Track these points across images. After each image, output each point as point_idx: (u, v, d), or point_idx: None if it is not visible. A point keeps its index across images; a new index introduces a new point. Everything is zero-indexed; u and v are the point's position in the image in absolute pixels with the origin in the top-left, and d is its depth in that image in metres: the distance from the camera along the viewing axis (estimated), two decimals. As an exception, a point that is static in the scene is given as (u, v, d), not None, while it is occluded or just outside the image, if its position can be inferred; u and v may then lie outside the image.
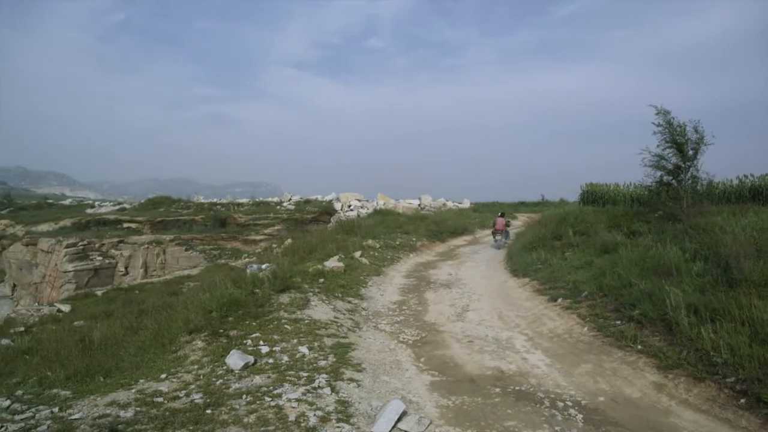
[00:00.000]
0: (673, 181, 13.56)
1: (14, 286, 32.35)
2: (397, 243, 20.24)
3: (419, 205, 39.33)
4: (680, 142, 12.98)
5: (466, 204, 43.02)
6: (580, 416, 5.75)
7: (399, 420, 5.36)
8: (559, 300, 10.50)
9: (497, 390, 6.56)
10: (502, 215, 24.17)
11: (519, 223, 31.52)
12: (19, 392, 6.57)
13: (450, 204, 41.82)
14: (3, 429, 5.31)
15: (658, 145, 13.40)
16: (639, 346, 7.49)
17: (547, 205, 37.75)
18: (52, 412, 5.77)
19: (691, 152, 13.02)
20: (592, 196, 21.17)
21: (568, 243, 14.54)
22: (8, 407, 5.99)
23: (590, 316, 9.17)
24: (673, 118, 13.07)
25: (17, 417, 5.66)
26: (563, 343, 8.40)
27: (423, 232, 23.14)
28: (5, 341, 10.81)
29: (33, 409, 5.90)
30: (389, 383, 6.74)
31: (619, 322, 8.42)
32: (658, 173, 13.66)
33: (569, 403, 6.08)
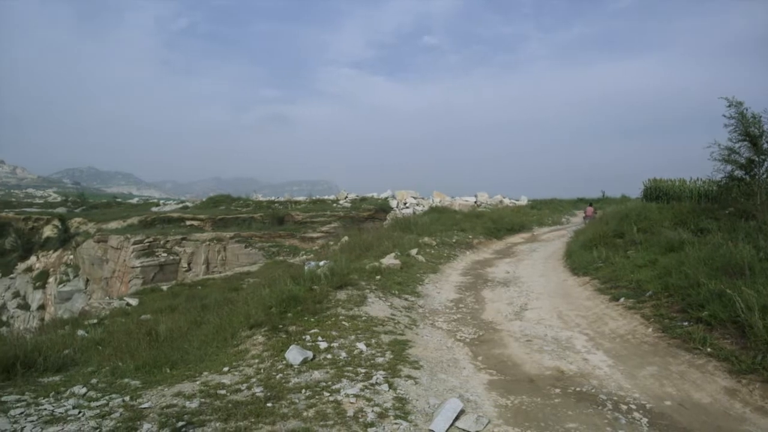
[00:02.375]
0: (746, 176, 12.89)
1: (87, 280, 34.01)
2: (454, 240, 20.11)
3: (475, 202, 38.95)
4: (754, 135, 12.33)
5: (523, 201, 42.29)
6: (644, 420, 5.56)
7: (457, 418, 5.34)
8: (622, 299, 10.18)
9: (557, 391, 6.43)
10: (591, 204, 28.19)
11: (578, 220, 30.76)
12: (94, 381, 6.91)
13: (507, 201, 41.21)
14: (81, 414, 5.62)
15: (729, 139, 12.78)
16: (708, 349, 7.17)
17: (608, 202, 36.63)
18: (123, 401, 6.05)
19: (766, 145, 12.34)
20: (656, 193, 20.41)
21: (630, 241, 14.07)
22: (84, 394, 6.32)
23: (655, 316, 8.85)
24: (746, 109, 12.43)
25: (93, 404, 5.97)
26: (626, 344, 8.14)
27: (479, 230, 22.89)
28: (81, 332, 11.36)
29: (106, 397, 6.20)
30: (446, 381, 6.72)
31: (686, 324, 8.08)
32: (729, 168, 13.02)
33: (633, 407, 5.89)
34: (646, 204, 18.97)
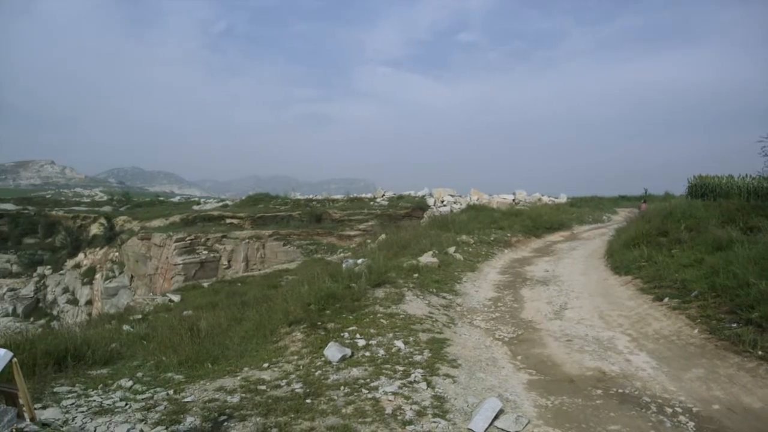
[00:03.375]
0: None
1: (132, 277, 34.95)
2: (492, 239, 19.94)
3: (514, 200, 38.50)
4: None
5: (562, 199, 41.58)
6: (691, 424, 5.41)
7: (496, 418, 5.31)
8: (666, 299, 9.92)
9: (599, 392, 6.32)
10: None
11: (619, 218, 30.10)
12: (140, 374, 7.11)
13: (545, 199, 40.59)
14: (128, 406, 5.79)
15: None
16: (759, 352, 6.92)
17: (651, 200, 35.78)
18: (167, 394, 6.21)
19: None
20: (701, 190, 19.75)
21: (675, 239, 13.68)
22: (131, 387, 6.52)
23: (701, 317, 8.59)
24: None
25: (139, 397, 6.15)
26: (671, 346, 7.93)
27: (518, 228, 22.63)
28: (126, 327, 11.69)
29: (151, 391, 6.38)
30: (485, 380, 6.67)
31: (735, 325, 7.82)
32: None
33: (679, 410, 5.74)
34: (692, 201, 18.41)
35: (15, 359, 3.16)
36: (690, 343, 7.88)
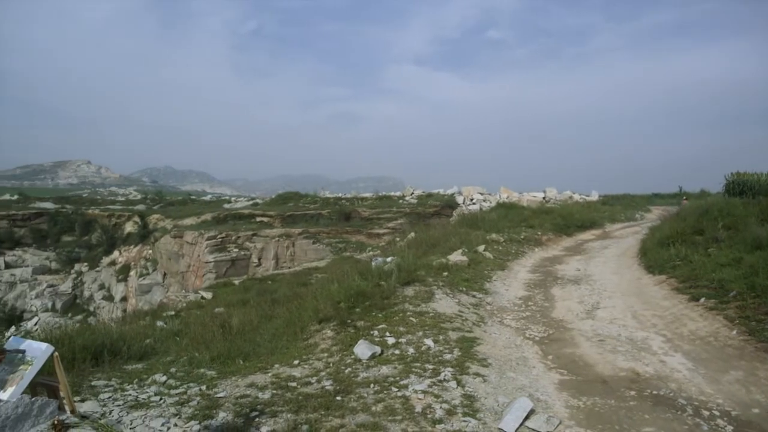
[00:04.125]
0: None
1: (165, 274, 35.62)
2: (522, 237, 19.75)
3: (544, 198, 38.07)
4: None
5: (594, 197, 40.97)
6: (729, 428, 5.27)
7: (527, 418, 5.25)
8: (702, 300, 9.69)
9: (632, 393, 6.20)
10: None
11: (653, 216, 29.52)
12: (173, 369, 7.25)
13: (577, 197, 40.04)
14: (162, 401, 5.91)
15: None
16: (800, 354, 6.72)
17: (685, 197, 34.98)
18: (200, 390, 6.32)
19: None
20: (740, 187, 19.22)
21: (712, 238, 13.34)
22: (165, 382, 6.64)
23: (740, 318, 8.36)
24: None
25: (172, 392, 6.26)
26: (707, 347, 7.74)
27: (548, 226, 22.37)
28: (160, 323, 11.91)
29: (185, 386, 6.49)
30: (516, 380, 6.62)
31: (775, 326, 7.61)
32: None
33: (716, 413, 5.60)
34: (729, 199, 17.93)
35: (56, 353, 3.25)
36: (728, 345, 7.68)
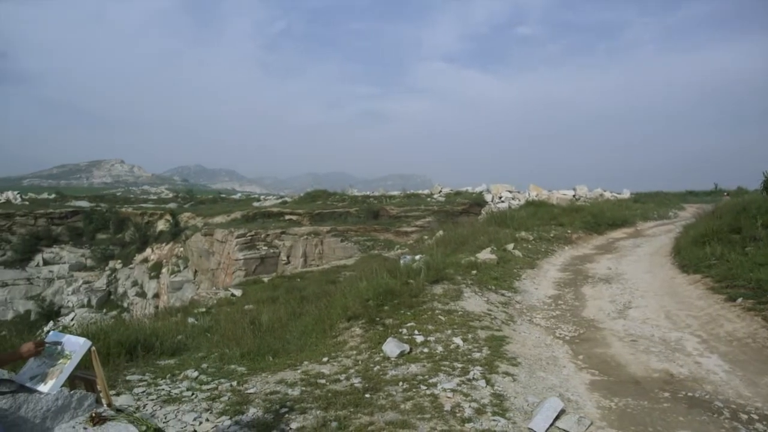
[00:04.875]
0: None
1: (195, 271, 36.20)
2: (552, 235, 19.51)
3: (574, 195, 37.56)
4: None
5: (625, 194, 40.27)
6: (768, 432, 5.14)
7: (557, 418, 5.19)
8: (739, 300, 9.43)
9: (666, 395, 6.08)
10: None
11: (687, 214, 28.87)
12: (204, 365, 7.36)
13: (608, 194, 39.41)
14: (194, 396, 6.01)
15: None
16: (843, 356, 6.50)
17: (721, 195, 34.06)
18: (231, 385, 6.41)
19: None
20: (780, 184, 18.64)
21: (750, 236, 12.98)
22: (196, 378, 6.76)
23: (779, 319, 8.14)
24: None
25: (204, 387, 6.37)
26: (745, 348, 7.54)
27: (579, 224, 22.04)
28: (191, 320, 12.11)
29: (216, 381, 6.59)
30: (546, 379, 6.55)
31: (816, 328, 7.38)
32: None
33: (755, 417, 5.44)
34: (768, 196, 17.42)
35: (93, 348, 3.33)
36: (767, 346, 7.48)
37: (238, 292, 19.41)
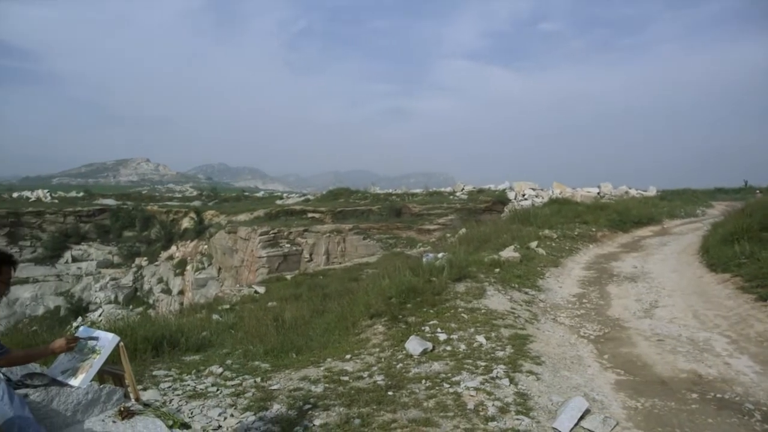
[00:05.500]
0: None
1: (219, 268, 36.56)
2: (576, 233, 19.30)
3: (598, 193, 37.08)
4: None
5: (651, 192, 39.64)
6: (801, 435, 5.01)
7: (582, 418, 5.13)
8: (771, 299, 9.23)
9: (694, 396, 5.97)
10: (760, 192, 29.94)
11: (715, 212, 28.31)
12: (229, 361, 7.44)
13: (633, 192, 38.83)
14: (219, 392, 6.08)
15: None
16: None
17: (752, 192, 33.33)
18: (255, 382, 6.47)
19: None
20: (812, 181, 18.18)
21: (781, 234, 12.68)
22: (221, 374, 6.84)
23: (811, 319, 7.94)
24: None
25: (229, 383, 6.44)
26: (776, 349, 7.38)
27: (603, 222, 21.77)
28: (215, 316, 12.24)
29: (240, 378, 6.66)
30: (570, 379, 6.48)
31: None
32: None
33: (787, 419, 5.33)
34: (799, 194, 17.00)
35: (122, 343, 3.40)
36: (798, 347, 7.30)
37: (261, 290, 19.56)
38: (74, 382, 3.25)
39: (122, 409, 3.28)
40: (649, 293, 11.18)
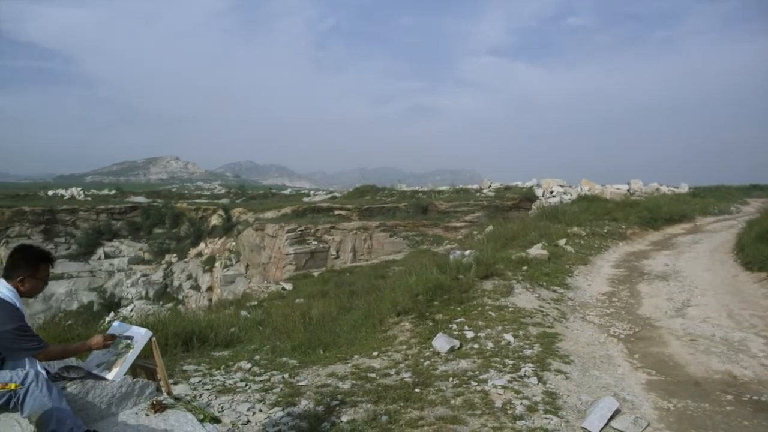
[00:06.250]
0: None
1: (247, 265, 36.94)
2: (605, 231, 19.02)
3: (628, 190, 36.41)
4: None
5: (683, 188, 38.79)
6: (841, 438, 4.86)
7: (612, 418, 5.05)
8: (809, 299, 8.98)
9: (729, 397, 5.83)
10: None
11: (751, 209, 27.61)
12: (257, 357, 7.52)
13: (664, 189, 38.05)
14: (247, 387, 6.15)
15: None
16: None
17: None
18: (283, 378, 6.52)
19: None
20: None
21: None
22: (249, 369, 6.91)
23: None
24: None
25: (257, 378, 6.51)
26: (815, 350, 7.17)
27: (633, 219, 21.38)
28: (243, 313, 12.38)
29: (268, 373, 6.72)
30: (600, 378, 6.40)
31: None
32: None
33: (826, 422, 5.17)
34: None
35: (154, 338, 3.46)
36: (838, 348, 7.08)
37: (288, 286, 19.70)
38: (109, 375, 3.32)
39: (155, 402, 3.34)
40: (682, 292, 10.96)
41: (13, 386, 2.87)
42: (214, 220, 46.46)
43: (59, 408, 2.88)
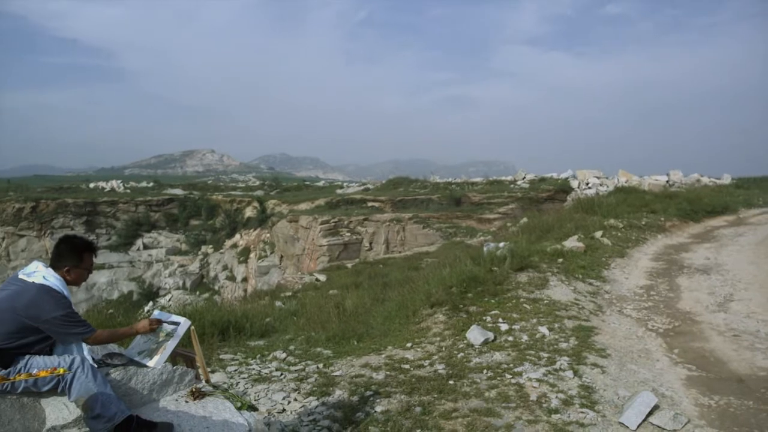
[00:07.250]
0: None
1: (281, 257, 37.36)
2: (643, 223, 18.59)
3: (667, 181, 35.51)
4: None
5: (726, 180, 37.62)
6: None
7: (650, 414, 4.96)
8: None
9: (774, 395, 5.66)
10: None
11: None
12: (292, 347, 7.62)
13: (705, 180, 36.96)
14: (282, 376, 6.24)
15: None
16: None
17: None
18: (317, 368, 6.59)
19: None
20: None
21: None
22: (284, 359, 7.00)
23: None
24: None
25: (292, 368, 6.60)
26: None
27: (672, 211, 20.84)
28: (278, 303, 12.54)
29: (303, 363, 6.81)
30: (637, 373, 6.28)
31: None
32: None
33: None
34: None
35: (193, 327, 3.53)
36: None
37: (322, 278, 19.86)
38: (150, 362, 3.41)
39: (194, 389, 3.42)
40: (724, 286, 10.65)
41: (61, 371, 2.98)
42: (249, 212, 47.08)
43: (104, 393, 2.98)
